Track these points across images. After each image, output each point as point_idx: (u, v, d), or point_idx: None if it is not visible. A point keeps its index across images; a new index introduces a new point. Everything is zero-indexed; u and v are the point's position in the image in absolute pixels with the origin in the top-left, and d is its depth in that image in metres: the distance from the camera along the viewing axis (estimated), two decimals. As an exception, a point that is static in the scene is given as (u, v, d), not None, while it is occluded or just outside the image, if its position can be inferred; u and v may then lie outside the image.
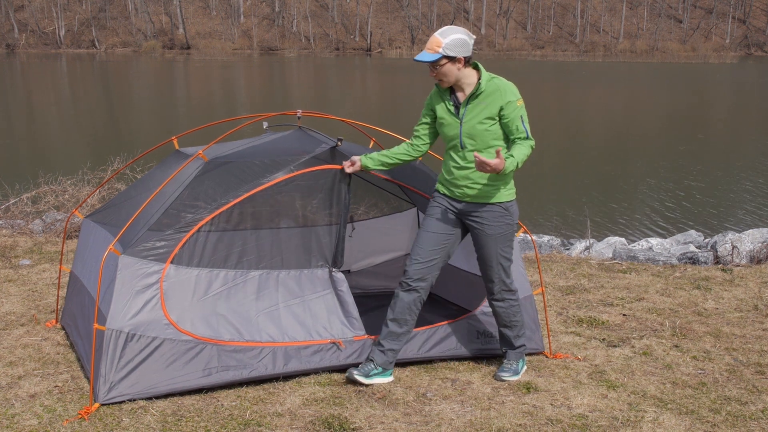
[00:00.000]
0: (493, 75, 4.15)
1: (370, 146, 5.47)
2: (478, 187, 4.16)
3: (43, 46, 77.55)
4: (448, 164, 4.26)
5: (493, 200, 4.18)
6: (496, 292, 4.36)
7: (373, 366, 4.28)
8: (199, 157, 4.42)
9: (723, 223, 11.92)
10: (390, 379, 4.35)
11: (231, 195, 4.24)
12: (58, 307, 5.40)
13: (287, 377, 4.29)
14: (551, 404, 4.09)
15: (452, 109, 4.19)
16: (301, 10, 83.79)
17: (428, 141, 4.41)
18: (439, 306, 5.54)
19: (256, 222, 4.57)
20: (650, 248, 8.75)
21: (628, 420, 3.92)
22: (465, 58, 4.05)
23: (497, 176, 4.11)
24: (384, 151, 4.45)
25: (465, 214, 4.25)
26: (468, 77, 4.12)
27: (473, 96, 4.11)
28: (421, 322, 4.79)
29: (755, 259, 7.65)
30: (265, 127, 4.81)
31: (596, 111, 30.16)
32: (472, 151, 4.12)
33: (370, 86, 42.68)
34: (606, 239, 9.16)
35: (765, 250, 7.72)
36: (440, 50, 4.00)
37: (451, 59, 4.03)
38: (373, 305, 5.67)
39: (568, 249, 9.01)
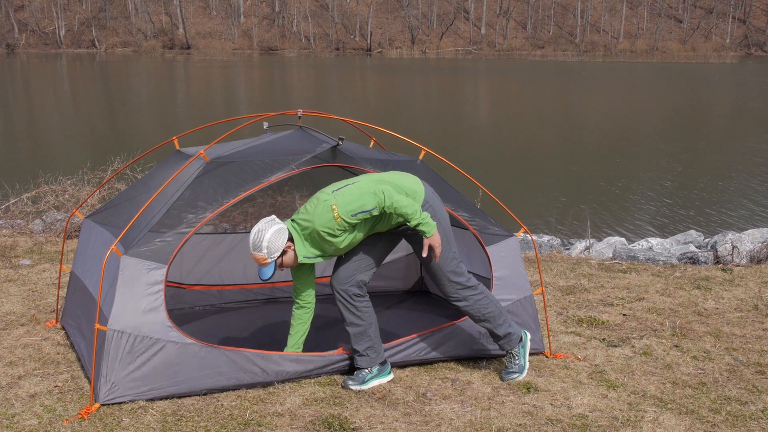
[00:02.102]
0: (305, 227, 4.05)
1: (371, 146, 5.47)
2: (389, 227, 4.20)
3: (43, 46, 77.55)
4: None
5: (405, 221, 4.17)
6: (451, 293, 4.28)
7: (367, 372, 4.27)
8: (200, 157, 4.42)
9: (723, 223, 11.92)
10: (389, 377, 4.34)
11: (232, 195, 4.24)
12: (58, 307, 5.40)
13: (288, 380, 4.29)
14: (551, 404, 4.09)
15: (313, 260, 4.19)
16: (301, 10, 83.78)
17: (312, 280, 4.34)
18: (439, 307, 5.55)
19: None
20: (650, 248, 8.75)
21: (628, 420, 3.92)
22: (288, 241, 4.04)
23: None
24: (294, 334, 4.36)
25: (395, 231, 4.26)
26: None
27: (314, 258, 4.15)
28: (421, 325, 4.80)
29: (755, 259, 7.65)
30: (265, 127, 4.81)
31: (596, 111, 30.16)
32: (370, 233, 4.20)
33: (370, 86, 42.67)
34: (606, 239, 9.17)
35: (765, 250, 7.72)
36: (269, 261, 4.01)
37: (282, 254, 4.04)
38: (374, 304, 5.68)
39: (568, 249, 9.02)
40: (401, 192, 4.09)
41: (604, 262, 7.52)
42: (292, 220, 4.13)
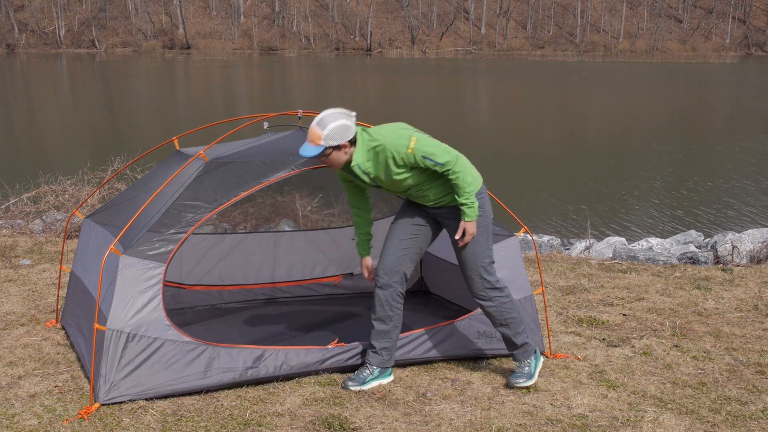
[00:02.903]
0: (375, 141, 3.97)
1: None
2: (439, 200, 4.17)
3: (43, 46, 77.56)
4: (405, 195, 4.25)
5: (455, 202, 4.13)
6: (479, 290, 4.25)
7: (368, 372, 4.26)
8: (200, 157, 4.42)
9: (723, 223, 11.92)
10: (390, 379, 4.34)
11: (232, 195, 4.24)
12: (58, 307, 5.40)
13: (287, 377, 4.29)
14: (551, 404, 4.09)
15: (359, 181, 4.16)
16: (301, 9, 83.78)
17: (367, 202, 4.33)
18: (439, 306, 5.55)
19: (257, 225, 4.58)
20: (650, 248, 8.75)
21: (628, 420, 3.92)
22: (350, 141, 3.97)
23: (451, 186, 4.08)
24: (359, 232, 4.39)
25: (437, 215, 4.25)
26: None
27: (365, 173, 4.07)
28: (421, 323, 4.80)
29: (755, 259, 7.65)
30: (265, 127, 4.82)
31: (596, 111, 30.16)
32: (414, 190, 4.12)
33: (370, 86, 42.67)
34: (606, 239, 9.16)
35: (765, 250, 7.72)
36: (321, 143, 3.90)
37: (336, 147, 3.95)
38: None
39: (568, 249, 9.01)
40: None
41: (604, 262, 7.52)
42: (364, 129, 4.06)
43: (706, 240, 9.18)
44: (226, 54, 73.78)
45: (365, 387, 4.23)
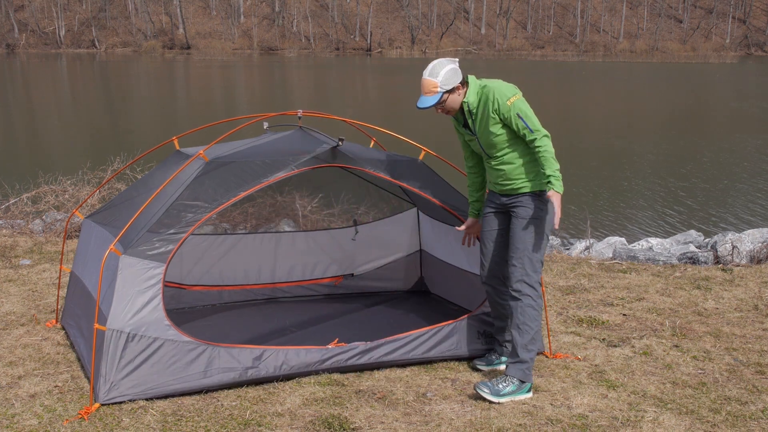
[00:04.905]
0: (484, 83, 4.23)
1: (371, 146, 5.48)
2: (511, 182, 4.28)
3: (43, 46, 77.54)
4: (486, 167, 4.45)
5: (527, 190, 4.28)
6: (515, 280, 4.18)
7: (496, 357, 4.57)
8: (200, 157, 4.42)
9: (723, 223, 11.92)
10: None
11: (231, 195, 4.25)
12: (58, 307, 5.40)
13: (287, 377, 4.29)
14: (551, 404, 4.09)
15: (465, 129, 4.36)
16: (301, 9, 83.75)
17: (481, 163, 4.55)
18: (439, 306, 5.56)
19: (257, 225, 4.59)
20: (650, 248, 8.75)
21: (628, 420, 3.92)
22: (461, 82, 4.21)
23: (527, 172, 4.26)
24: (470, 193, 4.61)
25: (507, 205, 4.36)
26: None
27: (470, 112, 4.24)
28: (421, 323, 4.81)
29: (755, 259, 7.65)
30: (265, 127, 4.82)
31: (596, 111, 30.15)
32: (496, 156, 4.28)
33: (370, 86, 42.66)
34: (606, 239, 9.16)
35: (765, 250, 7.72)
36: (438, 90, 4.16)
37: (450, 91, 4.19)
38: (374, 303, 5.70)
39: (568, 249, 9.01)
40: None
41: (604, 262, 7.52)
42: (476, 77, 4.30)
43: (706, 240, 9.18)
44: (226, 54, 73.75)
45: (499, 367, 4.52)
